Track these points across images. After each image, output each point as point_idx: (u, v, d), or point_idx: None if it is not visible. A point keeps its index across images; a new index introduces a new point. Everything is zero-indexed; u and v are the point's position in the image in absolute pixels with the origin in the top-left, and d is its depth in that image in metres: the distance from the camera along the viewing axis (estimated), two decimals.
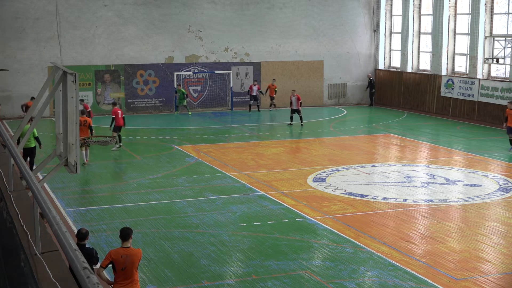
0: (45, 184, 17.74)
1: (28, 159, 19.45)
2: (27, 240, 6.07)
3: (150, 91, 35.90)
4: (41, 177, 15.56)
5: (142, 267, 13.02)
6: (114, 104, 26.47)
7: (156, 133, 29.26)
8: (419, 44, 37.22)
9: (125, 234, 9.93)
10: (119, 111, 25.18)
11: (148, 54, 35.80)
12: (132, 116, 33.72)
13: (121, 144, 25.31)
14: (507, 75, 31.60)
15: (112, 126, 24.92)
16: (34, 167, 18.48)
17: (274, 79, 36.90)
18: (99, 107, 35.05)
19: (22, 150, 16.64)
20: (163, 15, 35.82)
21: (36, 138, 19.83)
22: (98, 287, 3.83)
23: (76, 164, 11.37)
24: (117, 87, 35.30)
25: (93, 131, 22.86)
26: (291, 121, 31.14)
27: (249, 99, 36.28)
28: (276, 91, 36.15)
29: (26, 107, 29.22)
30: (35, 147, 19.78)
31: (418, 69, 37.33)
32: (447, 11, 34.43)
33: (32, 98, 29.23)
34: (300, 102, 30.93)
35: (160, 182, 20.11)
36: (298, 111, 30.66)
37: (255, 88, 35.99)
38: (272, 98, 36.35)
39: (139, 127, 30.27)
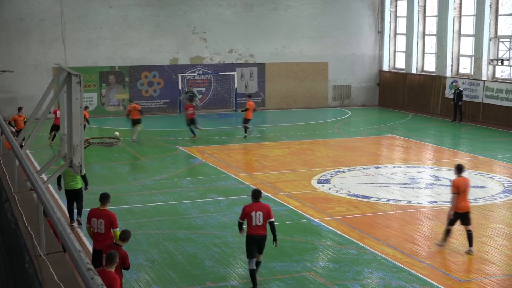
0: (49, 185, 17.76)
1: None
2: (31, 241, 6.08)
3: (154, 92, 35.92)
4: (45, 179, 15.58)
5: (146, 268, 13.04)
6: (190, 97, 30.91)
7: (160, 134, 29.29)
8: (423, 45, 37.17)
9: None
10: (190, 107, 28.12)
11: (152, 56, 35.83)
12: None
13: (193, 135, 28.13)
14: None
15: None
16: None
17: (131, 100, 31.19)
18: (104, 109, 35.09)
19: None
20: (168, 17, 35.86)
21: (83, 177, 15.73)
22: None
23: (81, 165, 11.38)
24: (121, 89, 35.34)
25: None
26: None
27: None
28: (141, 111, 28.06)
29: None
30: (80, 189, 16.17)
31: (422, 70, 37.28)
32: (451, 13, 34.39)
33: (20, 108, 24.99)
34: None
35: (164, 183, 20.12)
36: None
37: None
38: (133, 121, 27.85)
39: (143, 129, 30.25)
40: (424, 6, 36.76)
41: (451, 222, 13.87)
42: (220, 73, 36.75)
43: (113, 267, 9.29)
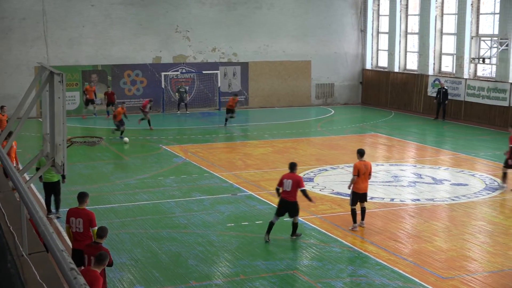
0: (31, 185, 17.65)
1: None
2: (13, 241, 6.04)
3: (137, 91, 35.80)
4: (27, 178, 15.49)
5: (129, 267, 13.01)
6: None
7: (143, 133, 29.20)
8: (406, 44, 37.35)
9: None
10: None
11: (135, 54, 35.71)
12: None
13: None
14: (493, 75, 31.79)
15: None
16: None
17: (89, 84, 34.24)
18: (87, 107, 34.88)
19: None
20: (151, 15, 35.74)
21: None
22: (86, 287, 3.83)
23: (63, 165, 11.33)
24: (104, 88, 35.16)
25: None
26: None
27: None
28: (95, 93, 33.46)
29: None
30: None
31: (405, 69, 37.47)
32: (433, 11, 34.58)
33: (2, 107, 24.22)
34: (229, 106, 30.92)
35: (147, 182, 20.07)
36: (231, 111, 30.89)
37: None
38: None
39: (127, 128, 30.15)
40: (407, 5, 36.94)
41: (353, 203, 15.23)
42: (204, 72, 36.69)
43: (100, 269, 9.18)
